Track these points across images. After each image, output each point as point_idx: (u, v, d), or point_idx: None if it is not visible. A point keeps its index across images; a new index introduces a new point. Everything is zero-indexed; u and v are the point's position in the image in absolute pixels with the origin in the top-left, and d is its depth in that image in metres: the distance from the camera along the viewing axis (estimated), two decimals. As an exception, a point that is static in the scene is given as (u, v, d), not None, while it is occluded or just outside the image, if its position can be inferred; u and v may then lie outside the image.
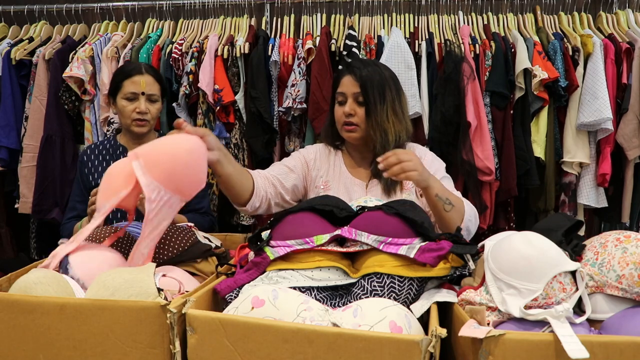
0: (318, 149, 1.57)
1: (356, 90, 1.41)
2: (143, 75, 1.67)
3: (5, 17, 2.51)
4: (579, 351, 0.66)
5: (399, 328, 0.78)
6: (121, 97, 1.67)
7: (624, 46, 2.07)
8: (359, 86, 1.40)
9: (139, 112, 1.65)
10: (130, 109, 1.66)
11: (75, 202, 1.72)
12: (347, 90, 1.43)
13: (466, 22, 2.27)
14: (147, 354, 0.85)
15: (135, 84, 1.65)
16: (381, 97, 1.40)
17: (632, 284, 0.80)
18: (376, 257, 0.95)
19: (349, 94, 1.42)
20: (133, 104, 1.66)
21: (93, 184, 1.71)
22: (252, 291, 0.86)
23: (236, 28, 2.36)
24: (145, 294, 0.90)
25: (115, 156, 1.74)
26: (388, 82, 1.42)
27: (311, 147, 1.59)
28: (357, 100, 1.41)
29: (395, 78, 1.48)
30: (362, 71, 1.41)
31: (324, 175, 1.51)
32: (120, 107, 1.68)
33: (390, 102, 1.41)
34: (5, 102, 2.27)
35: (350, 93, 1.42)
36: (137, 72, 1.67)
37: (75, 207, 1.71)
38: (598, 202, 2.14)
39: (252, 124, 2.19)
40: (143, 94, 1.66)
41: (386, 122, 1.40)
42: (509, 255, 0.83)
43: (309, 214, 1.03)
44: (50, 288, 0.90)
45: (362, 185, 1.48)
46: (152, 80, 1.69)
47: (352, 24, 2.29)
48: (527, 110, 2.08)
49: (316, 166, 1.52)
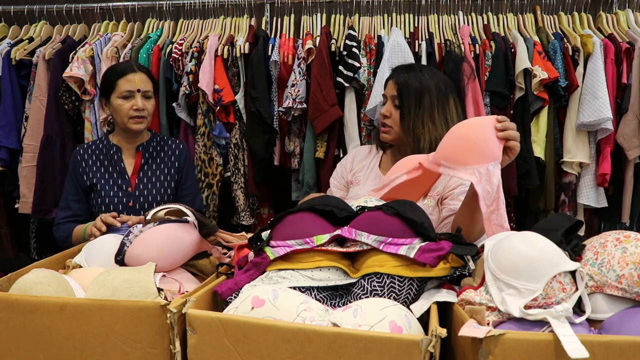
0: (357, 150, 1.68)
1: (394, 93, 1.47)
2: (137, 73, 1.68)
3: (5, 17, 2.51)
4: (579, 351, 0.66)
5: (399, 328, 0.78)
6: (116, 96, 1.67)
7: (624, 46, 2.07)
8: (396, 90, 1.46)
9: (137, 108, 1.66)
10: (127, 107, 1.66)
11: (69, 202, 1.71)
12: (387, 92, 1.50)
13: (466, 22, 2.27)
14: (147, 354, 0.85)
15: (130, 82, 1.66)
16: (417, 102, 1.43)
17: (631, 284, 0.80)
18: (376, 257, 0.95)
19: (388, 97, 1.49)
20: (129, 101, 1.67)
21: (88, 183, 1.70)
22: (252, 291, 0.86)
23: (236, 28, 2.36)
24: (145, 294, 0.90)
25: (109, 156, 1.74)
26: (429, 88, 1.45)
27: (350, 152, 1.70)
28: (394, 103, 1.47)
29: (442, 86, 1.47)
30: (402, 76, 1.47)
31: (357, 172, 1.60)
32: (116, 106, 1.68)
33: (427, 108, 1.43)
34: (5, 102, 2.27)
35: (390, 95, 1.49)
36: (130, 70, 1.68)
37: (70, 207, 1.70)
38: (598, 202, 2.14)
39: (252, 124, 2.19)
40: (139, 91, 1.67)
41: (420, 127, 1.43)
42: (508, 255, 0.83)
43: (308, 214, 1.03)
44: (50, 288, 0.90)
45: None
46: (145, 77, 1.71)
47: (352, 24, 2.29)
48: (527, 110, 2.08)
49: (353, 167, 1.63)
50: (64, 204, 1.72)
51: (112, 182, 1.71)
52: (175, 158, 1.80)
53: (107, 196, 1.69)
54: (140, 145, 1.76)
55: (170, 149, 1.81)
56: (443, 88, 1.48)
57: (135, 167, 1.74)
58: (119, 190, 1.70)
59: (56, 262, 1.20)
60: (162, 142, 1.82)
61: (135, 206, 1.70)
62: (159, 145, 1.80)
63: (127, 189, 1.71)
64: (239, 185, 2.28)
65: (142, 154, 1.76)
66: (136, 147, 1.76)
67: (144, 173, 1.75)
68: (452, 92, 1.50)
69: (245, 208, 2.30)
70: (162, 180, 1.76)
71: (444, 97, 1.47)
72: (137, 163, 1.74)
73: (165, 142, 1.83)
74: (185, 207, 1.21)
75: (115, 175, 1.72)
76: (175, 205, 1.23)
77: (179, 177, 1.80)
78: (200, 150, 2.23)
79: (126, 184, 1.71)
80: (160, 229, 1.13)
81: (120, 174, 1.72)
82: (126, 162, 1.75)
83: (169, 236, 1.12)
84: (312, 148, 2.19)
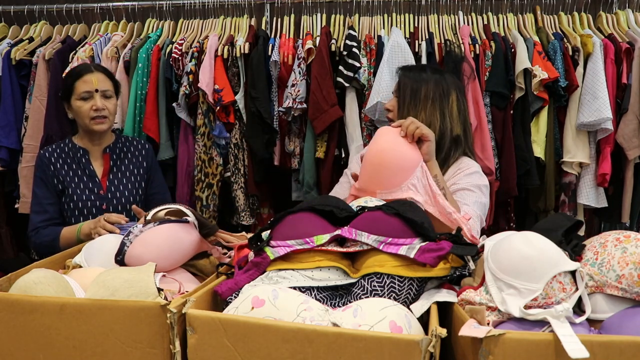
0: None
1: (396, 88, 1.60)
2: (93, 73, 1.67)
3: (5, 17, 2.51)
4: (579, 351, 0.66)
5: (399, 328, 0.78)
6: (75, 98, 1.66)
7: (624, 46, 2.07)
8: (398, 83, 1.59)
9: (96, 108, 1.65)
10: (86, 108, 1.65)
11: (45, 205, 1.67)
12: (394, 90, 1.63)
13: (466, 22, 2.27)
14: (147, 354, 0.85)
15: (87, 83, 1.65)
16: (413, 93, 1.53)
17: (631, 284, 0.80)
18: (376, 257, 0.95)
19: (394, 91, 1.62)
20: (88, 102, 1.66)
21: (60, 187, 1.69)
22: (252, 291, 0.86)
23: (236, 28, 2.36)
24: (145, 294, 0.90)
25: (77, 159, 1.72)
26: (427, 81, 1.54)
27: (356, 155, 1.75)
28: (396, 96, 1.59)
29: (443, 81, 1.55)
30: (406, 72, 1.59)
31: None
32: (76, 109, 1.67)
33: (422, 99, 1.53)
34: (5, 102, 2.27)
35: (394, 91, 1.62)
36: (87, 71, 1.67)
37: (47, 210, 1.67)
38: (598, 202, 2.14)
39: (252, 124, 2.19)
40: (97, 91, 1.66)
41: (414, 116, 1.46)
42: (509, 255, 0.83)
43: (309, 214, 1.03)
44: (50, 288, 0.90)
45: None
46: (103, 77, 1.69)
47: (352, 24, 2.29)
48: (527, 110, 2.08)
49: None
50: (39, 208, 1.68)
51: (82, 185, 1.70)
52: (142, 158, 1.80)
53: (80, 200, 1.68)
54: (107, 147, 1.76)
55: (137, 150, 1.81)
56: (444, 83, 1.54)
57: (105, 169, 1.73)
58: (90, 193, 1.69)
59: (56, 262, 1.20)
60: (127, 142, 1.82)
61: (109, 209, 1.68)
62: (125, 147, 1.80)
63: (98, 192, 1.70)
64: (239, 185, 2.27)
65: (110, 156, 1.75)
66: (103, 150, 1.75)
67: (113, 175, 1.74)
68: (455, 89, 1.56)
69: (245, 208, 2.30)
70: (133, 182, 1.76)
71: (443, 91, 1.53)
72: (106, 166, 1.74)
73: (130, 142, 1.83)
74: (185, 207, 1.21)
75: (85, 178, 1.71)
76: (176, 205, 1.23)
77: (147, 176, 1.80)
78: (200, 150, 2.23)
79: (97, 187, 1.70)
80: (161, 229, 1.13)
81: (90, 177, 1.71)
82: (95, 164, 1.74)
83: (169, 236, 1.12)
84: (312, 148, 2.18)
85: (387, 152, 1.26)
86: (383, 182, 1.24)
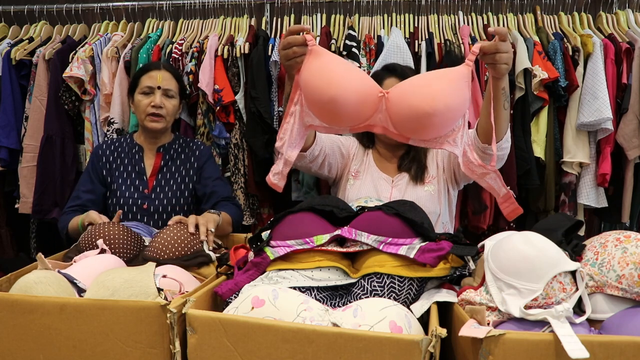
0: (357, 144, 1.68)
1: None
2: (160, 71, 1.68)
3: (5, 17, 2.51)
4: (579, 351, 0.66)
5: (399, 328, 0.78)
6: (138, 92, 1.67)
7: (624, 46, 2.07)
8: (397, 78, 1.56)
9: (154, 105, 1.64)
10: (145, 103, 1.66)
11: (80, 192, 1.69)
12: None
13: (466, 22, 2.27)
14: (147, 354, 0.85)
15: (152, 78, 1.66)
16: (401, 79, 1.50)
17: (632, 284, 0.80)
18: (376, 257, 0.95)
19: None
20: (148, 98, 1.66)
21: (108, 180, 1.69)
22: (252, 291, 0.86)
23: (236, 28, 2.36)
24: (145, 294, 0.90)
25: (130, 154, 1.72)
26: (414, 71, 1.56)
27: (352, 141, 1.68)
28: None
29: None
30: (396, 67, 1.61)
31: (357, 165, 1.63)
32: (137, 103, 1.68)
33: None
34: (5, 102, 2.27)
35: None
36: (155, 67, 1.69)
37: (80, 197, 1.68)
38: (598, 202, 2.14)
39: (252, 124, 2.19)
40: (159, 88, 1.66)
41: None
42: (509, 255, 0.83)
43: (309, 214, 1.03)
44: (50, 288, 0.90)
45: (389, 180, 1.57)
46: (169, 75, 1.69)
47: (352, 24, 2.29)
48: (527, 110, 2.08)
49: (353, 158, 1.65)
50: (75, 193, 1.70)
51: (129, 182, 1.69)
52: (195, 159, 1.76)
53: (122, 196, 1.67)
54: (162, 147, 1.74)
55: (191, 151, 1.77)
56: None
57: (155, 168, 1.71)
58: (135, 191, 1.68)
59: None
60: (184, 144, 1.79)
61: (150, 209, 1.67)
62: (180, 147, 1.77)
63: (143, 190, 1.68)
64: (239, 185, 2.27)
65: (163, 156, 1.73)
66: (157, 148, 1.74)
67: (162, 175, 1.71)
68: None
69: (245, 208, 2.30)
70: (179, 183, 1.72)
71: None
72: (157, 164, 1.71)
73: (187, 144, 1.79)
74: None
75: (133, 175, 1.70)
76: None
77: (196, 177, 1.75)
78: (200, 150, 2.23)
79: (143, 186, 1.69)
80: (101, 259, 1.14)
81: (138, 174, 1.70)
82: (146, 162, 1.73)
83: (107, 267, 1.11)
84: (312, 148, 2.18)
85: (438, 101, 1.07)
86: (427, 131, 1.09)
